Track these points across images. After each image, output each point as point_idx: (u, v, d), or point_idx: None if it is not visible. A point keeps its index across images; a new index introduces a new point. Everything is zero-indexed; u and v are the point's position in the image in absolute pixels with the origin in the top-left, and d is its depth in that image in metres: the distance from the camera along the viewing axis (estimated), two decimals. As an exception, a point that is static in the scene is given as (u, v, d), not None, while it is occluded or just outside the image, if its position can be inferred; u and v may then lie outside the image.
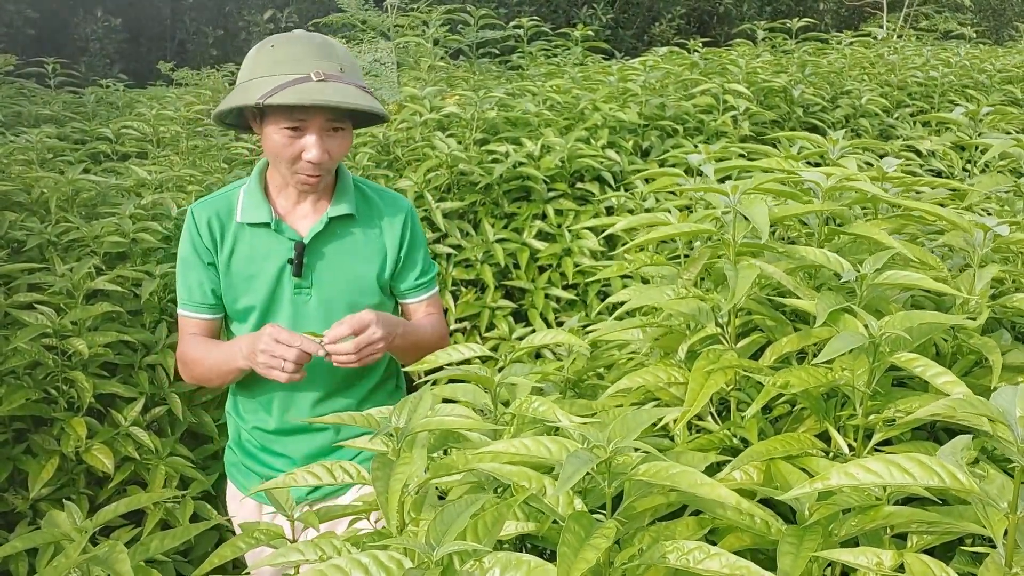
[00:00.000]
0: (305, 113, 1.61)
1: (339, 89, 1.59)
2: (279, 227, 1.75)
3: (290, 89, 1.56)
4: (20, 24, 10.60)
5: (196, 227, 1.75)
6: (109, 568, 1.03)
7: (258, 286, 1.75)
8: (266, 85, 1.58)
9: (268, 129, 1.65)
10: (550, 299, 3.14)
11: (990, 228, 1.38)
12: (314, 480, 1.08)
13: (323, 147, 1.64)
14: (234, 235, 1.76)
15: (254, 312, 1.77)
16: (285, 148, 1.64)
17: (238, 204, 1.76)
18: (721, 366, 1.22)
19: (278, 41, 1.66)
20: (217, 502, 2.40)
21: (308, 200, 1.78)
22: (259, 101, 1.57)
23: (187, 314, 1.80)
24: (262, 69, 1.62)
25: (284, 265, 1.74)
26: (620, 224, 1.64)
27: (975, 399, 0.87)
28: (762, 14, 11.67)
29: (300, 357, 1.59)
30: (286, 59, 1.61)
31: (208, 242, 1.75)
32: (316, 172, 1.67)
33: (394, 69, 4.56)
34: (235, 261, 1.76)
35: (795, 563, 0.91)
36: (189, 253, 1.77)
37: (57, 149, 3.65)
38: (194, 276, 1.77)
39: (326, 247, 1.77)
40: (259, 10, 11.86)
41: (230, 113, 1.71)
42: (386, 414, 1.05)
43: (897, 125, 4.23)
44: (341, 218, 1.77)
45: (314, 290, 1.76)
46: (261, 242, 1.75)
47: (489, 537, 0.85)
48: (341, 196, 1.77)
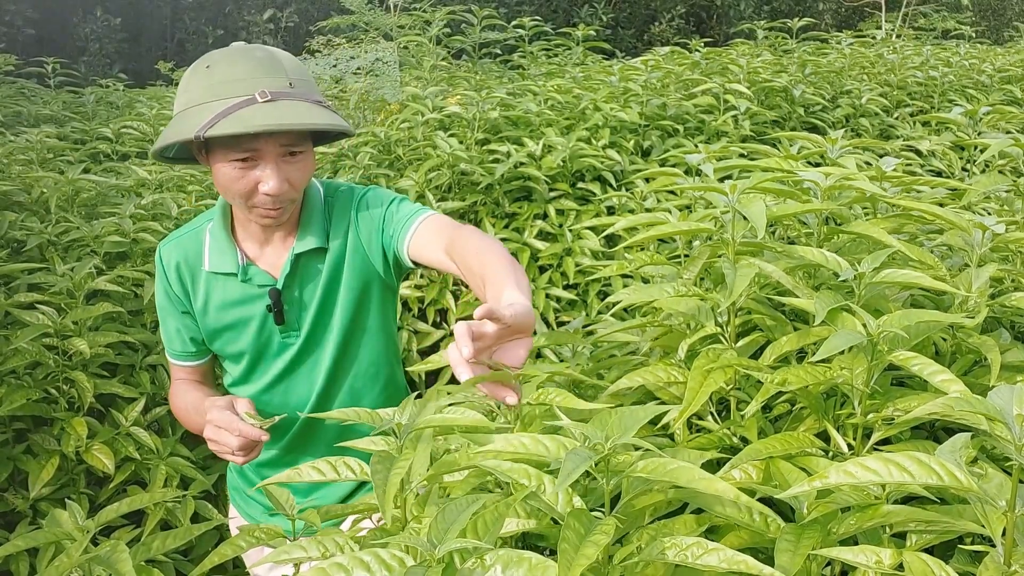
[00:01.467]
0: (254, 141, 1.40)
1: (290, 108, 1.38)
2: (247, 274, 1.57)
3: (233, 116, 1.35)
4: (20, 24, 10.60)
5: (165, 274, 1.61)
6: (111, 568, 1.03)
7: (242, 335, 1.61)
8: (206, 113, 1.37)
9: (215, 163, 1.44)
10: (551, 299, 3.14)
11: (988, 227, 1.38)
12: (318, 476, 1.07)
13: (280, 176, 1.43)
14: (205, 283, 1.60)
15: (245, 356, 1.64)
16: (236, 182, 1.43)
17: (205, 249, 1.59)
18: (720, 365, 1.23)
19: (214, 60, 1.43)
20: (218, 502, 2.40)
21: (276, 237, 1.58)
22: (198, 134, 1.35)
23: (172, 360, 1.70)
24: (199, 95, 1.40)
25: (263, 313, 1.59)
26: (620, 224, 1.64)
27: (973, 398, 0.87)
28: (760, 13, 11.67)
29: (244, 444, 1.42)
30: (225, 80, 1.39)
31: (179, 291, 1.61)
32: (276, 205, 1.46)
33: (396, 69, 4.56)
34: (211, 310, 1.61)
35: (793, 560, 0.91)
36: (163, 301, 1.64)
37: (57, 149, 3.65)
38: (171, 324, 1.65)
39: (303, 288, 1.59)
40: (259, 10, 11.87)
41: (170, 148, 1.50)
42: (390, 413, 1.06)
43: (897, 125, 4.23)
44: (309, 253, 1.58)
45: (303, 331, 1.61)
46: (233, 290, 1.59)
47: (490, 535, 0.85)
48: (306, 229, 1.57)
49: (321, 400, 1.66)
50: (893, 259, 1.38)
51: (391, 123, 3.70)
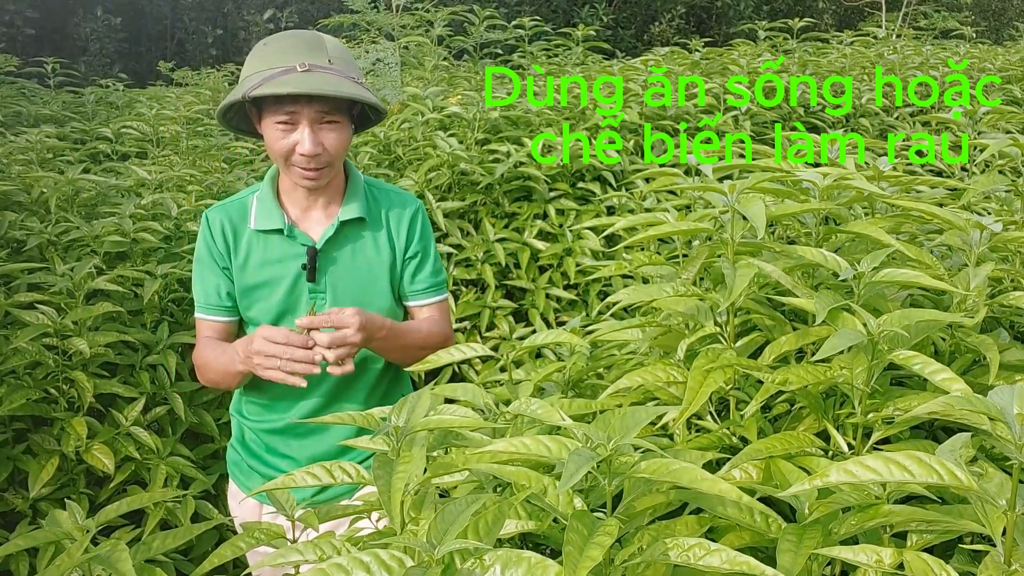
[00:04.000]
0: (295, 105, 1.62)
1: (323, 79, 1.61)
2: (292, 232, 1.76)
3: (274, 81, 1.59)
4: (20, 24, 10.60)
5: (211, 232, 1.77)
6: (111, 568, 1.03)
7: (272, 292, 1.76)
8: (256, 79, 1.62)
9: (264, 126, 1.68)
10: (551, 299, 3.14)
11: (986, 227, 1.38)
12: (313, 480, 1.08)
13: (315, 140, 1.64)
14: (248, 242, 1.77)
15: (271, 315, 1.77)
16: (278, 142, 1.66)
17: (251, 211, 1.78)
18: (720, 365, 1.22)
19: (271, 39, 1.69)
20: (218, 501, 2.40)
21: (319, 204, 1.79)
22: (245, 94, 1.60)
23: (203, 317, 1.81)
24: (255, 66, 1.65)
25: (298, 271, 1.75)
26: (620, 223, 1.64)
27: (975, 396, 0.87)
28: (760, 13, 11.67)
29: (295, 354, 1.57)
30: (275, 54, 1.64)
31: (222, 247, 1.77)
32: (312, 166, 1.67)
33: (397, 69, 4.56)
34: (249, 267, 1.77)
35: (795, 560, 0.91)
36: (204, 256, 1.79)
37: (57, 149, 3.65)
38: (211, 279, 1.79)
39: (338, 251, 1.78)
40: (259, 10, 11.86)
41: (234, 115, 1.74)
42: (387, 413, 1.06)
43: (897, 125, 4.23)
44: (352, 221, 1.78)
45: (328, 295, 1.77)
46: (274, 248, 1.77)
47: (490, 535, 0.85)
48: (351, 199, 1.78)
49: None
50: (892, 259, 1.38)
51: (391, 123, 3.70)
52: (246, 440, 1.89)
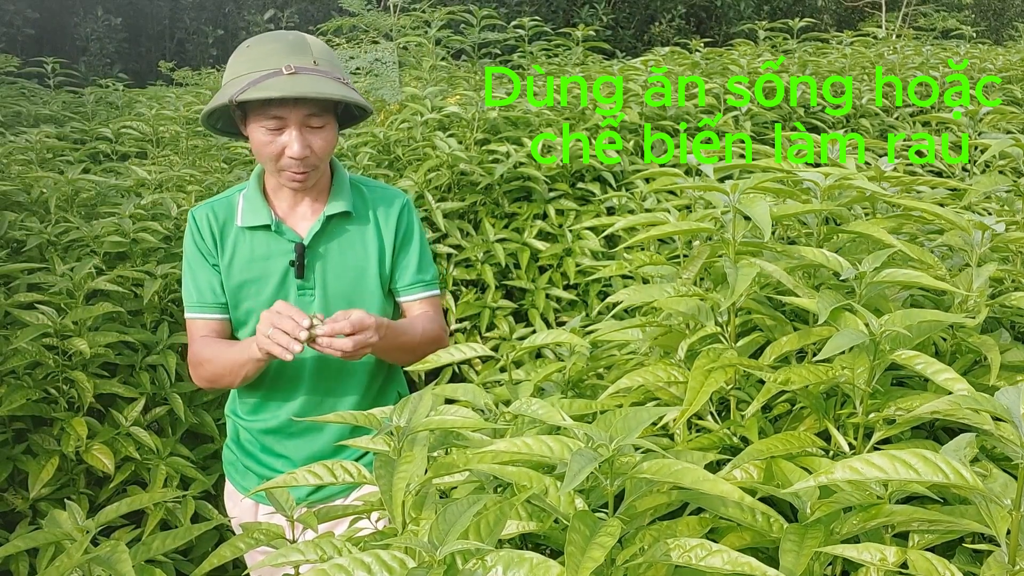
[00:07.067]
0: (281, 109, 1.62)
1: (310, 81, 1.60)
2: (279, 228, 1.76)
3: (260, 85, 1.58)
4: (20, 24, 10.60)
5: (198, 229, 1.77)
6: (111, 568, 1.03)
7: (261, 290, 1.76)
8: (241, 83, 1.61)
9: (250, 129, 1.67)
10: (551, 299, 3.14)
11: (988, 227, 1.38)
12: (315, 480, 1.08)
13: (303, 142, 1.64)
14: (234, 239, 1.77)
15: (255, 315, 1.75)
16: (267, 146, 1.65)
17: (238, 208, 1.77)
18: (721, 365, 1.22)
19: (253, 41, 1.69)
20: (218, 502, 2.40)
21: (305, 201, 1.79)
22: (232, 98, 1.59)
23: (197, 316, 1.79)
24: (238, 69, 1.64)
25: (286, 268, 1.75)
26: (620, 224, 1.64)
27: (979, 396, 0.87)
28: (760, 13, 11.68)
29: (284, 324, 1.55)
30: (260, 56, 1.63)
31: (210, 244, 1.76)
32: (301, 169, 1.67)
33: (396, 69, 4.56)
34: (236, 265, 1.77)
35: (797, 561, 0.91)
36: (193, 254, 1.78)
37: (57, 149, 3.65)
38: (202, 276, 1.78)
39: (326, 247, 1.78)
40: (259, 10, 11.86)
41: (218, 119, 1.74)
42: (387, 413, 1.05)
43: (897, 125, 4.23)
44: (338, 216, 1.78)
45: (318, 291, 1.77)
46: (261, 245, 1.76)
47: (491, 536, 0.85)
48: (337, 194, 1.78)
49: (328, 360, 1.74)
50: (893, 259, 1.38)
51: (390, 123, 3.70)
52: (241, 440, 1.88)
